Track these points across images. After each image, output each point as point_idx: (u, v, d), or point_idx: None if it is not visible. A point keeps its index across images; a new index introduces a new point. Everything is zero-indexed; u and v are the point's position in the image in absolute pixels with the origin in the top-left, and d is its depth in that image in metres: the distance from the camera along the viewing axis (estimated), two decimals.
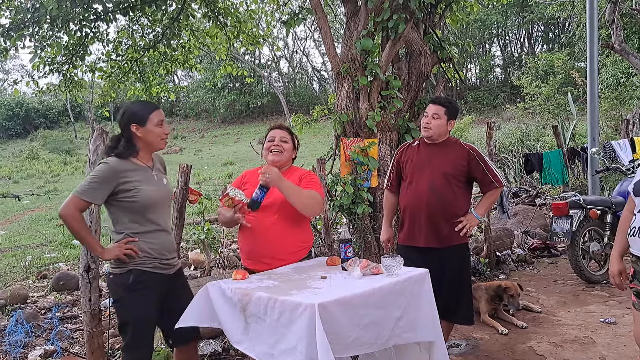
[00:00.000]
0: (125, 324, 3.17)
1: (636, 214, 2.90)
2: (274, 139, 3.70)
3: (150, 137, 3.21)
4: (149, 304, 3.20)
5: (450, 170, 3.97)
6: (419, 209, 3.99)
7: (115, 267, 3.18)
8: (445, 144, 4.09)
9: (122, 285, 3.16)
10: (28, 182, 22.60)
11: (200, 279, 6.39)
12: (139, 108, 3.24)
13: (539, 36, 38.30)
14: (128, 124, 3.19)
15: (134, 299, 3.15)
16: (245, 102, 41.62)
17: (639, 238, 2.86)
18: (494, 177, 4.02)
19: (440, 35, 6.27)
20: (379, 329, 2.89)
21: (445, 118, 4.00)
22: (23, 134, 44.87)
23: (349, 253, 3.46)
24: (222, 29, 8.99)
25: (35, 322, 5.55)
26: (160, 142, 3.26)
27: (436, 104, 4.01)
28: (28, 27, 6.71)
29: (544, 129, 17.34)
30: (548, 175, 9.03)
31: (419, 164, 4.08)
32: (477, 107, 32.82)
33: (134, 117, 3.19)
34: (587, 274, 6.33)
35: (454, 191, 3.99)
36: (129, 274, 3.14)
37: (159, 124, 3.23)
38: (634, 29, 19.45)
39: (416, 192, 4.02)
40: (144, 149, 3.24)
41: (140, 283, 3.15)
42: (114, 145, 3.21)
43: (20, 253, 9.95)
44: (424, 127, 4.04)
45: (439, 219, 3.96)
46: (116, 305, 3.23)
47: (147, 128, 3.19)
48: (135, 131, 3.18)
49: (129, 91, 9.94)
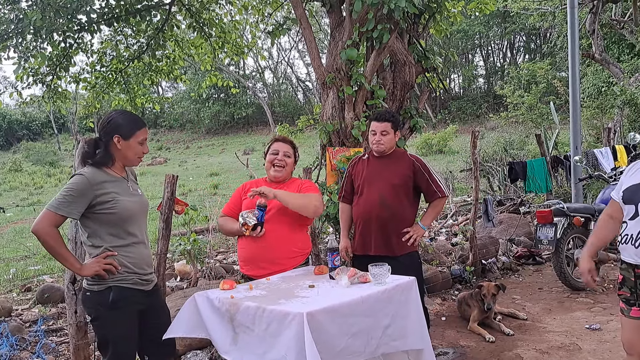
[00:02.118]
0: (106, 343, 3.06)
1: (627, 222, 2.91)
2: (277, 153, 3.74)
3: (129, 153, 3.12)
4: (130, 322, 3.10)
5: (398, 182, 4.14)
6: (370, 220, 4.16)
7: (92, 284, 3.04)
8: (393, 156, 4.27)
9: (100, 303, 3.02)
10: (11, 194, 22.36)
11: (186, 289, 6.36)
12: (126, 121, 3.12)
13: (521, 46, 38.71)
14: (111, 133, 3.08)
15: (114, 317, 3.03)
16: (230, 112, 41.58)
17: (630, 246, 2.88)
18: (437, 187, 4.18)
19: (425, 45, 6.32)
20: (367, 337, 2.89)
21: (392, 132, 4.16)
22: (6, 146, 44.44)
23: (336, 262, 3.49)
24: (206, 39, 9.00)
25: (20, 335, 5.48)
26: (136, 159, 3.18)
27: (381, 121, 4.15)
28: (12, 37, 6.67)
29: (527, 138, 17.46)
30: (532, 184, 9.11)
31: (369, 177, 4.24)
32: (460, 117, 33.02)
33: (119, 129, 3.08)
34: (572, 281, 6.37)
35: (402, 202, 4.16)
36: (108, 292, 3.01)
37: (141, 141, 3.15)
38: (614, 39, 19.75)
39: (366, 204, 4.19)
40: (119, 161, 3.14)
41: (120, 301, 3.02)
42: (91, 152, 3.10)
43: (4, 266, 9.83)
44: (376, 145, 4.18)
45: (389, 229, 4.12)
46: (95, 323, 3.11)
47: (129, 143, 3.10)
48: (116, 142, 3.07)
49: (113, 102, 9.89)
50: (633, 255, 2.88)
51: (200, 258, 6.92)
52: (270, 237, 3.54)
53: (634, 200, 2.86)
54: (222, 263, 8.07)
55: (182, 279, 7.60)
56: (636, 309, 2.95)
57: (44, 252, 10.48)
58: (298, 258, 3.70)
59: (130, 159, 3.16)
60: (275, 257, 3.57)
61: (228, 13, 9.49)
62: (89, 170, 3.03)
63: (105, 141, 3.10)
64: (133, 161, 3.19)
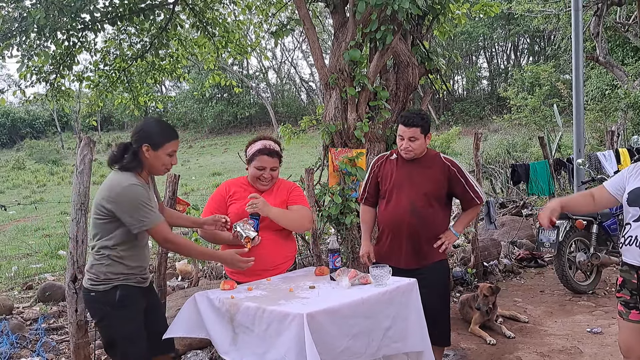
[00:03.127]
0: (114, 344, 3.08)
1: (631, 223, 2.92)
2: (263, 169, 3.59)
3: (156, 163, 3.12)
4: (138, 320, 3.13)
5: (431, 190, 3.85)
6: (400, 230, 3.88)
7: (97, 284, 3.05)
8: (425, 159, 3.94)
9: (107, 303, 3.04)
10: (14, 192, 22.40)
11: (187, 289, 6.37)
12: (158, 131, 3.13)
13: (525, 48, 38.65)
14: (140, 141, 3.07)
15: (122, 317, 3.06)
16: (233, 112, 41.56)
17: (634, 247, 2.88)
18: (475, 194, 3.91)
19: (428, 46, 6.32)
20: (368, 339, 2.89)
21: (422, 136, 3.84)
22: (9, 144, 44.48)
23: (337, 263, 3.47)
24: (210, 38, 8.99)
25: (20, 333, 5.49)
26: (162, 169, 3.18)
27: (409, 125, 3.81)
28: (15, 36, 6.67)
29: (530, 140, 17.46)
30: (534, 186, 9.08)
31: (399, 182, 3.93)
32: (463, 119, 32.97)
33: (149, 138, 3.07)
34: (574, 284, 6.36)
35: (435, 210, 3.88)
36: (114, 291, 3.04)
37: (171, 153, 3.14)
38: (618, 42, 19.70)
39: (396, 212, 3.89)
40: (145, 169, 3.14)
41: (127, 299, 3.06)
42: (119, 156, 3.09)
43: (6, 264, 9.85)
44: (404, 152, 3.88)
45: (420, 239, 3.86)
46: (102, 324, 3.12)
47: (157, 153, 3.09)
48: (145, 151, 3.07)
49: (116, 100, 9.90)
50: (637, 257, 2.88)
51: None
52: (259, 245, 3.47)
53: (639, 202, 2.86)
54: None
55: (183, 279, 7.61)
56: (635, 312, 2.95)
57: (45, 250, 10.54)
58: (287, 263, 3.70)
59: (156, 168, 3.16)
60: (267, 264, 3.52)
61: (232, 13, 9.49)
62: (134, 179, 3.02)
63: (135, 148, 3.09)
64: (159, 171, 3.19)
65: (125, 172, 3.05)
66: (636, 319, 2.96)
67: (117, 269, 3.06)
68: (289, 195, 3.70)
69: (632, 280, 2.94)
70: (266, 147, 3.64)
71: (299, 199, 3.73)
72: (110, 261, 3.05)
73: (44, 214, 15.74)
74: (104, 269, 3.05)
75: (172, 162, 3.18)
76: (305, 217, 3.65)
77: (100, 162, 20.71)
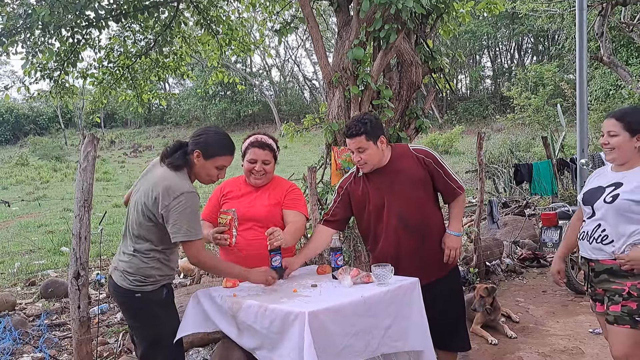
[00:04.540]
0: (158, 341, 3.11)
1: (585, 220, 3.16)
2: (255, 162, 3.56)
3: (202, 172, 3.13)
4: (178, 316, 3.24)
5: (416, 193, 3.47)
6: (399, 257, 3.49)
7: (145, 284, 3.05)
8: (393, 162, 3.53)
9: (155, 302, 3.09)
10: (17, 188, 22.42)
11: (190, 286, 6.37)
12: (214, 142, 3.12)
13: (529, 48, 38.65)
14: (195, 147, 3.09)
15: (169, 313, 3.16)
16: (237, 110, 41.59)
17: (585, 242, 3.12)
18: (454, 183, 3.54)
19: (432, 45, 6.31)
20: (368, 337, 2.89)
21: (371, 144, 3.41)
22: (12, 140, 44.57)
23: (339, 262, 3.47)
24: (214, 36, 9.00)
25: (23, 329, 5.51)
26: (206, 179, 3.17)
27: (352, 136, 3.41)
28: (20, 33, 6.69)
29: (533, 140, 17.45)
30: (537, 186, 9.08)
31: (376, 201, 3.51)
32: (467, 118, 32.97)
33: (203, 146, 3.08)
34: (576, 285, 6.36)
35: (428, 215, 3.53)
36: (162, 290, 3.10)
37: (220, 167, 3.15)
38: (622, 42, 19.68)
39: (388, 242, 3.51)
40: (192, 174, 3.15)
41: (171, 297, 3.19)
42: (170, 152, 3.09)
43: (9, 260, 9.87)
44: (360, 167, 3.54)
45: (425, 255, 3.52)
46: (151, 323, 3.12)
47: (207, 163, 3.10)
48: (195, 157, 3.08)
49: (120, 97, 9.91)
50: (587, 250, 3.13)
51: None
52: (255, 245, 3.48)
53: (591, 201, 3.09)
54: None
55: (185, 276, 7.63)
56: (599, 304, 3.17)
57: (48, 246, 10.57)
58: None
59: (201, 177, 3.17)
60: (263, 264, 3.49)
61: (235, 10, 9.50)
62: (189, 186, 3.03)
63: (188, 150, 3.11)
64: (203, 180, 3.20)
65: (175, 171, 3.03)
66: (601, 311, 3.15)
67: (165, 270, 3.12)
68: (285, 198, 3.64)
69: (586, 271, 3.20)
70: (258, 140, 3.62)
71: (295, 204, 3.64)
72: (160, 264, 3.08)
73: (47, 211, 15.76)
74: (153, 272, 3.06)
75: (220, 176, 3.20)
76: (300, 229, 3.59)
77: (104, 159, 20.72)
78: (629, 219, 2.93)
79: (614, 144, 3.00)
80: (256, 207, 3.57)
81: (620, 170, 3.07)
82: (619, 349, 3.01)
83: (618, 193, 2.97)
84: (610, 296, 3.02)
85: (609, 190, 3.03)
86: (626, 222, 2.94)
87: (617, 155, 3.03)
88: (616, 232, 2.97)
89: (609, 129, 3.02)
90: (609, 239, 2.99)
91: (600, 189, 3.09)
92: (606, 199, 3.00)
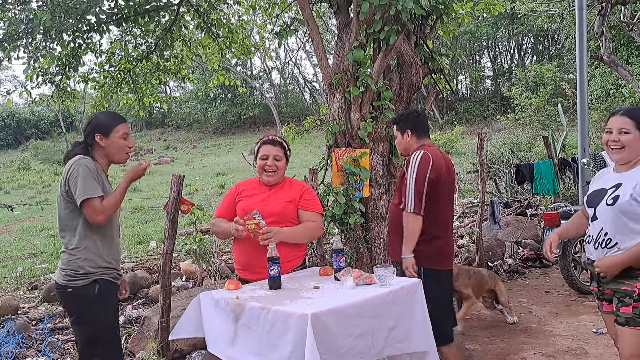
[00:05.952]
0: (94, 338, 3.08)
1: (589, 223, 3.14)
2: (267, 157, 3.68)
3: (113, 149, 3.21)
4: (115, 314, 3.23)
5: None
6: None
7: (75, 279, 3.05)
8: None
9: (86, 297, 3.06)
10: (19, 192, 22.46)
11: (192, 289, 6.38)
12: (105, 119, 3.25)
13: (529, 48, 38.55)
14: (92, 133, 3.19)
15: (101, 310, 3.10)
16: (237, 112, 41.57)
17: (590, 245, 3.12)
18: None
19: (432, 46, 6.32)
20: (372, 338, 2.90)
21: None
22: (14, 145, 44.61)
23: (341, 263, 3.48)
24: (214, 39, 9.02)
25: (26, 333, 5.52)
26: (123, 155, 3.26)
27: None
28: (22, 37, 6.70)
29: (534, 140, 17.42)
30: (539, 186, 9.08)
31: None
32: (467, 118, 32.90)
33: (98, 127, 3.19)
34: (579, 285, 6.35)
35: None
36: (94, 285, 3.07)
37: (123, 136, 3.23)
38: (622, 41, 19.65)
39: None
40: (104, 160, 3.23)
41: (106, 292, 3.11)
42: (71, 151, 3.23)
43: (12, 264, 9.88)
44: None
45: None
46: (80, 320, 3.11)
47: (110, 139, 3.19)
48: (99, 141, 3.18)
49: (121, 101, 9.93)
50: (592, 253, 3.12)
51: (206, 258, 6.92)
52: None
53: (594, 203, 3.09)
54: (227, 263, 8.08)
55: (187, 279, 7.63)
56: (605, 304, 3.15)
57: (51, 250, 10.58)
58: (294, 261, 3.71)
59: (116, 155, 3.24)
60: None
61: (235, 13, 9.52)
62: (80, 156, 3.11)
63: (89, 142, 3.21)
64: (120, 158, 3.27)
65: None
66: (608, 310, 3.14)
67: (97, 262, 3.09)
68: (301, 198, 3.74)
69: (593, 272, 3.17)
70: (269, 137, 3.82)
71: (312, 205, 3.76)
72: (89, 254, 3.08)
73: (49, 214, 15.76)
74: (82, 263, 3.07)
75: (129, 145, 3.27)
76: (313, 227, 3.69)
77: None
78: (631, 219, 2.91)
79: (624, 142, 2.95)
80: (270, 204, 3.65)
81: (621, 170, 3.06)
82: (632, 351, 2.98)
83: (619, 194, 2.96)
84: (620, 297, 2.98)
85: (610, 192, 3.02)
86: (629, 222, 2.92)
87: (625, 154, 2.98)
88: (619, 235, 2.95)
89: (621, 126, 2.96)
90: (612, 242, 2.97)
91: (602, 191, 3.08)
92: (608, 201, 3.00)
